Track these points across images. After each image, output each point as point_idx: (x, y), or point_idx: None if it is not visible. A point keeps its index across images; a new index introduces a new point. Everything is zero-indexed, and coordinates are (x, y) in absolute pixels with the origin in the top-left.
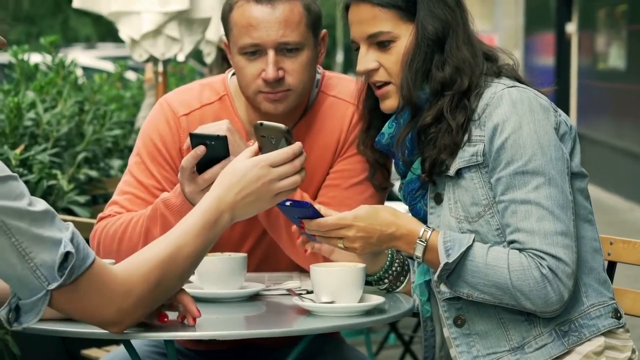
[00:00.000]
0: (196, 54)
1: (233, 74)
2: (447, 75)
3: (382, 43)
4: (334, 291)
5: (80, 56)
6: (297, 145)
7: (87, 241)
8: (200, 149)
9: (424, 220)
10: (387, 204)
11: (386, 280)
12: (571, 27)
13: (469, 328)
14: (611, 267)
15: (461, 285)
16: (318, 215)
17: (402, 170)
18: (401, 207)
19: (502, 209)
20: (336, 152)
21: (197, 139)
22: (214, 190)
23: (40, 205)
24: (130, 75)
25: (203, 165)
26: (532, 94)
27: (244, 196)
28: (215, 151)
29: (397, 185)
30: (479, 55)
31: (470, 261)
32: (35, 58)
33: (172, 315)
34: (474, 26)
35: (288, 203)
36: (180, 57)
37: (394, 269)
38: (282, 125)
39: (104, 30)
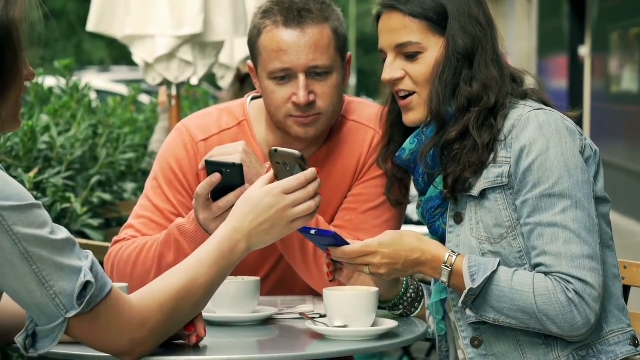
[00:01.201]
0: (209, 77)
1: (252, 98)
2: (475, 91)
3: (409, 54)
4: (347, 315)
5: (94, 79)
6: (310, 171)
7: (101, 264)
8: (216, 177)
9: (442, 238)
10: (404, 227)
11: (401, 307)
12: (584, 50)
13: (485, 349)
14: (625, 291)
15: (487, 310)
16: (344, 242)
17: (422, 187)
18: (419, 230)
19: (527, 232)
20: (355, 176)
21: (212, 167)
22: (229, 220)
23: (62, 233)
24: (144, 99)
25: (218, 192)
26: (558, 116)
27: (258, 224)
28: (231, 179)
29: (413, 205)
30: (506, 74)
31: (496, 286)
32: (49, 81)
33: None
34: (503, 48)
35: (313, 232)
36: (194, 81)
37: (409, 295)
38: (296, 152)
39: (117, 53)
